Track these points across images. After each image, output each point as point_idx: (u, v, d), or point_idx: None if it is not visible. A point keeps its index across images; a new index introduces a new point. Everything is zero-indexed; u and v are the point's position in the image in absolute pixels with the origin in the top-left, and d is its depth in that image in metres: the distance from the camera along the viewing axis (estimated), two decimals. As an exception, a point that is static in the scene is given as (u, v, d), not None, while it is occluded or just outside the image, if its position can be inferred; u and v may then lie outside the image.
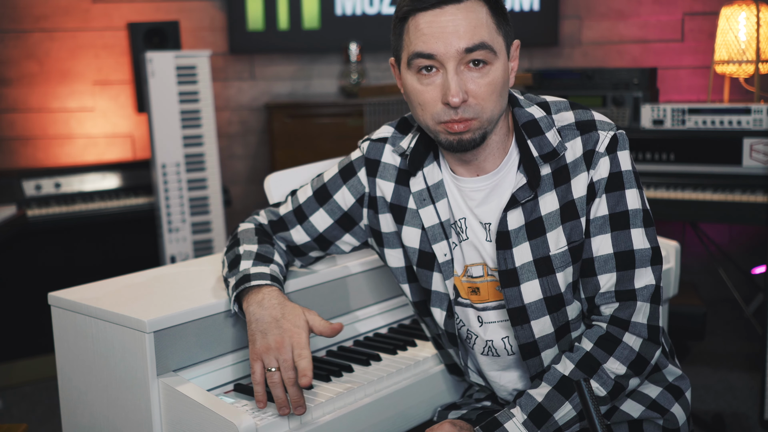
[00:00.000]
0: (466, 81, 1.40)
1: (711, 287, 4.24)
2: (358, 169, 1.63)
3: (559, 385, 1.45)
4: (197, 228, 3.62)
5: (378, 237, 1.64)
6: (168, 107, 3.52)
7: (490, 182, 1.51)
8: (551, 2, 4.28)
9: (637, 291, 1.46)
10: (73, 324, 1.60)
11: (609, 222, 1.46)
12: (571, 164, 1.46)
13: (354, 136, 3.86)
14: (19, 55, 3.98)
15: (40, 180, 3.65)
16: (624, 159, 1.47)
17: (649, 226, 1.48)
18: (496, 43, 1.41)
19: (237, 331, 1.62)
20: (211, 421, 1.39)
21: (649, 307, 1.46)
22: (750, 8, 3.56)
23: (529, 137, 1.48)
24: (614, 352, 1.45)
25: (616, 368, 1.45)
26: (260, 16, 4.24)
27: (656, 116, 3.52)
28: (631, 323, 1.46)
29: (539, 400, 1.44)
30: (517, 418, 1.43)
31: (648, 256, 1.46)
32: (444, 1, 1.38)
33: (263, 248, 1.62)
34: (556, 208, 1.47)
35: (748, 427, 2.98)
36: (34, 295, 2.75)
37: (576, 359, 1.46)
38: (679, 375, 1.61)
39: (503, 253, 1.49)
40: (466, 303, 1.56)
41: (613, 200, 1.46)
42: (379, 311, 1.90)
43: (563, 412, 1.44)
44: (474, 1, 1.40)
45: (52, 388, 3.38)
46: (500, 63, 1.42)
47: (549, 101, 1.52)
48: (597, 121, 1.48)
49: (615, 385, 1.46)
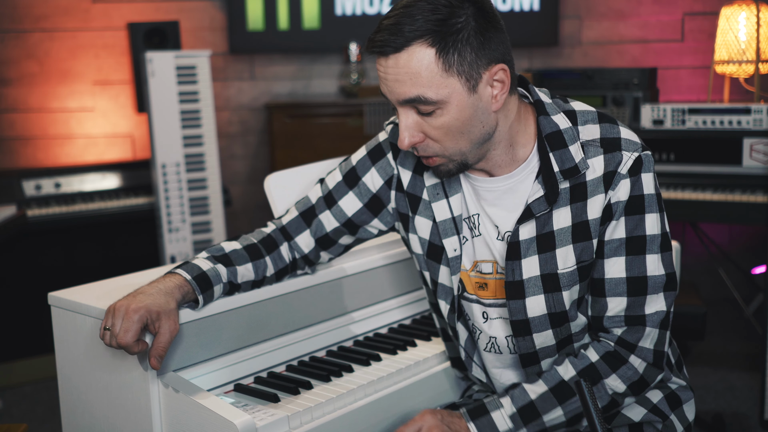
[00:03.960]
0: (420, 124, 1.40)
1: (711, 287, 4.24)
2: (387, 151, 1.62)
3: (556, 388, 1.45)
4: (197, 228, 3.62)
5: (405, 220, 1.62)
6: (168, 107, 3.52)
7: (503, 184, 1.49)
8: (551, 2, 4.29)
9: (647, 317, 1.45)
10: (73, 324, 1.60)
11: (625, 245, 1.44)
12: (590, 183, 1.44)
13: (354, 136, 3.86)
14: (19, 55, 3.98)
15: (40, 180, 3.65)
16: (647, 182, 1.43)
17: (666, 251, 1.46)
18: (440, 89, 1.34)
19: (237, 331, 1.62)
20: (211, 421, 1.39)
21: (658, 333, 1.46)
22: (750, 8, 3.56)
23: (552, 149, 1.45)
24: (618, 370, 1.45)
25: (616, 385, 1.45)
26: (260, 16, 4.24)
27: (656, 116, 3.52)
28: (637, 347, 1.46)
29: (532, 398, 1.44)
30: (506, 410, 1.44)
31: (661, 282, 1.45)
32: (384, 52, 1.36)
33: (236, 252, 1.59)
34: (568, 224, 1.45)
35: (748, 427, 2.98)
36: (34, 295, 2.75)
37: (579, 367, 1.46)
38: (683, 385, 1.62)
39: (512, 264, 1.48)
40: (472, 298, 1.56)
41: (631, 224, 1.44)
42: (379, 311, 1.90)
43: (553, 415, 1.44)
44: (417, 47, 1.33)
45: (52, 388, 3.38)
46: (452, 106, 1.36)
47: (577, 110, 1.48)
48: (623, 140, 1.44)
49: (611, 401, 1.46)
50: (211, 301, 1.55)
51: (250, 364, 1.63)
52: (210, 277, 1.52)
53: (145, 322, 1.40)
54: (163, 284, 1.47)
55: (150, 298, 1.42)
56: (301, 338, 1.73)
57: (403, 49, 1.34)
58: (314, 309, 1.76)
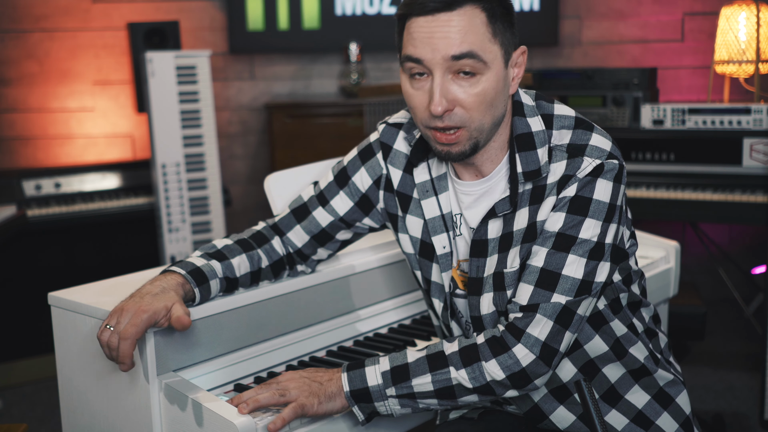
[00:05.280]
0: (454, 90, 1.38)
1: (711, 287, 4.24)
2: (377, 151, 1.63)
3: (433, 356, 1.45)
4: (197, 228, 3.62)
5: (394, 221, 1.64)
6: (168, 107, 3.52)
7: (480, 188, 1.51)
8: (551, 2, 4.29)
9: (540, 305, 1.41)
10: (73, 324, 1.60)
11: (554, 239, 1.41)
12: (549, 186, 1.43)
13: (354, 136, 3.86)
14: (19, 55, 3.98)
15: (40, 180, 3.65)
16: (601, 188, 1.40)
17: (594, 260, 1.41)
18: (488, 52, 1.38)
19: (237, 331, 1.62)
20: (211, 421, 1.39)
21: (552, 325, 1.40)
22: (750, 8, 3.56)
23: (519, 151, 1.45)
24: (498, 357, 1.41)
25: (494, 372, 1.41)
26: (260, 16, 4.24)
27: (656, 116, 3.52)
28: (525, 334, 1.40)
29: (408, 360, 1.45)
30: (380, 366, 1.45)
31: (574, 285, 1.40)
32: (436, 9, 1.36)
33: (228, 247, 1.60)
34: (524, 226, 1.45)
35: (748, 427, 2.98)
36: (34, 295, 2.75)
37: (462, 345, 1.44)
38: (671, 380, 1.59)
39: (476, 261, 1.50)
40: (462, 294, 1.57)
41: (569, 222, 1.40)
42: (379, 311, 1.90)
43: (422, 380, 1.43)
44: (470, 8, 1.37)
45: (52, 388, 3.38)
46: (492, 73, 1.39)
47: (555, 115, 1.47)
48: (589, 146, 1.42)
49: (486, 385, 1.42)
50: (208, 297, 1.55)
51: (249, 364, 1.63)
52: (205, 272, 1.53)
53: (153, 323, 1.40)
54: (165, 282, 1.48)
55: (156, 299, 1.42)
56: (300, 338, 1.73)
57: (456, 9, 1.36)
58: (314, 309, 1.76)
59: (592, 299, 1.44)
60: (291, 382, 1.43)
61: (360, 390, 1.44)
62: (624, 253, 1.51)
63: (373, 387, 1.44)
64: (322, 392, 1.44)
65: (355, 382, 1.44)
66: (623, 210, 1.49)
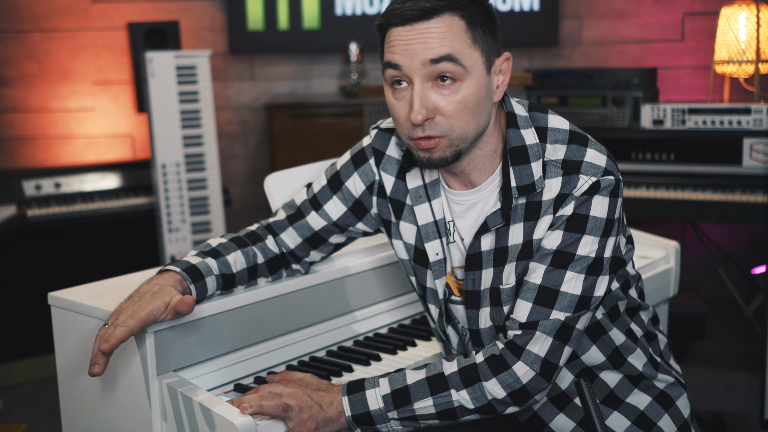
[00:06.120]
0: (434, 98, 1.37)
1: (711, 287, 4.24)
2: (369, 157, 1.62)
3: (433, 378, 1.44)
4: (197, 228, 3.62)
5: (387, 227, 1.63)
6: (168, 107, 3.52)
7: (470, 198, 1.50)
8: (551, 2, 4.29)
9: (539, 323, 1.40)
10: (73, 324, 1.60)
11: (551, 256, 1.40)
12: (545, 203, 1.42)
13: (354, 136, 3.86)
14: (19, 55, 3.98)
15: (40, 180, 3.65)
16: (598, 204, 1.39)
17: (593, 275, 1.41)
18: (467, 58, 1.36)
19: (237, 331, 1.62)
20: (211, 421, 1.39)
21: (551, 342, 1.40)
22: (750, 8, 3.56)
23: (513, 164, 1.44)
24: (499, 375, 1.41)
25: (495, 391, 1.41)
26: (260, 16, 4.24)
27: (656, 116, 3.52)
28: (525, 351, 1.40)
29: (408, 383, 1.44)
30: (381, 390, 1.44)
31: (572, 301, 1.40)
32: (414, 18, 1.35)
33: (223, 244, 1.60)
34: (520, 242, 1.44)
35: (748, 427, 2.98)
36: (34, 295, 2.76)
37: (462, 365, 1.44)
38: (671, 382, 1.59)
39: (472, 274, 1.49)
40: (458, 301, 1.57)
41: (567, 239, 1.40)
42: (379, 311, 1.90)
43: (423, 404, 1.43)
44: (448, 16, 1.36)
45: (52, 388, 3.38)
46: (473, 80, 1.37)
47: (549, 128, 1.46)
48: (584, 163, 1.40)
49: (487, 405, 1.42)
50: (205, 294, 1.55)
51: (249, 364, 1.63)
52: (201, 269, 1.53)
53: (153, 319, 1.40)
54: (163, 280, 1.47)
55: (155, 297, 1.42)
56: (300, 338, 1.73)
57: (434, 17, 1.35)
58: (314, 309, 1.76)
59: (591, 313, 1.44)
60: (293, 399, 1.41)
61: (362, 414, 1.44)
62: (622, 261, 1.51)
63: (374, 411, 1.43)
64: (321, 417, 1.43)
65: (356, 406, 1.44)
66: (621, 220, 1.48)
